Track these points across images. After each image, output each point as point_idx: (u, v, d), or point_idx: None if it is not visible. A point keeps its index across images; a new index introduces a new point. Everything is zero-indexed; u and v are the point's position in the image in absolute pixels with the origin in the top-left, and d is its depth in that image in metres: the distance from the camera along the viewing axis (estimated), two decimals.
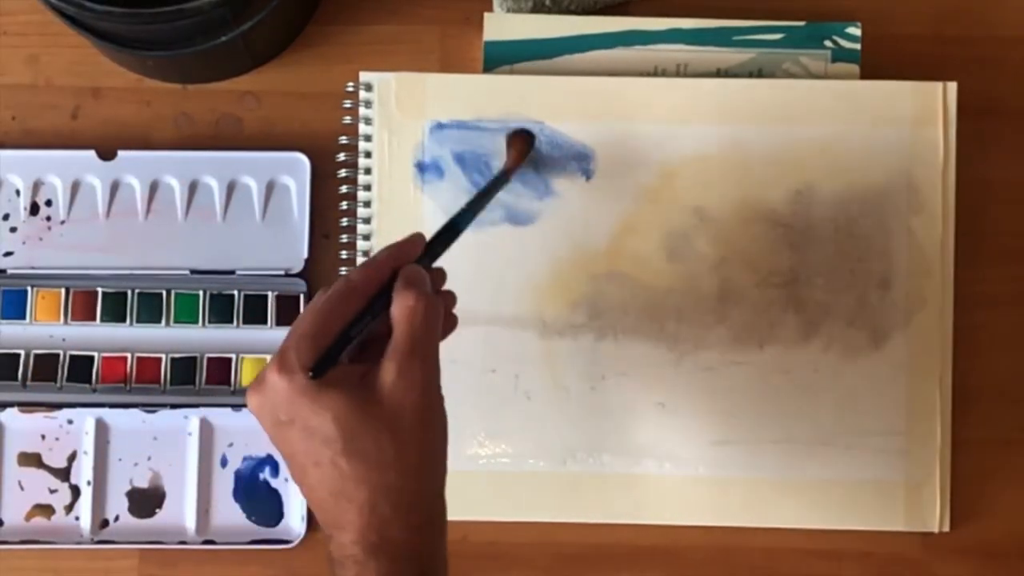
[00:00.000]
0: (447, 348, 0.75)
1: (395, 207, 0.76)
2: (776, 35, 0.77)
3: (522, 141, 0.74)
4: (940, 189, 0.76)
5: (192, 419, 0.76)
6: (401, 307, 0.59)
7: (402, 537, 0.57)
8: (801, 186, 0.76)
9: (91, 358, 0.77)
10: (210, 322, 0.77)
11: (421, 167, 0.76)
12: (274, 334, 0.77)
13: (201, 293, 0.77)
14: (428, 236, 0.64)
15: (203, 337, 0.77)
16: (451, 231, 0.66)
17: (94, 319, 0.77)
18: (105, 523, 0.76)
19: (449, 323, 0.64)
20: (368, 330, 0.59)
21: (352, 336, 0.58)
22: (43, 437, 0.76)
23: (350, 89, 0.77)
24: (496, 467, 0.75)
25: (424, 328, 0.59)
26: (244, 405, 0.75)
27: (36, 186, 0.77)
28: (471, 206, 0.68)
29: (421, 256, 0.63)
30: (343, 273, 0.76)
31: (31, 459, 0.76)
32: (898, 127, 0.76)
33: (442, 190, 0.76)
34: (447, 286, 0.66)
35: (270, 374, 0.58)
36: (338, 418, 0.56)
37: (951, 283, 0.76)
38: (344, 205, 0.77)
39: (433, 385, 0.59)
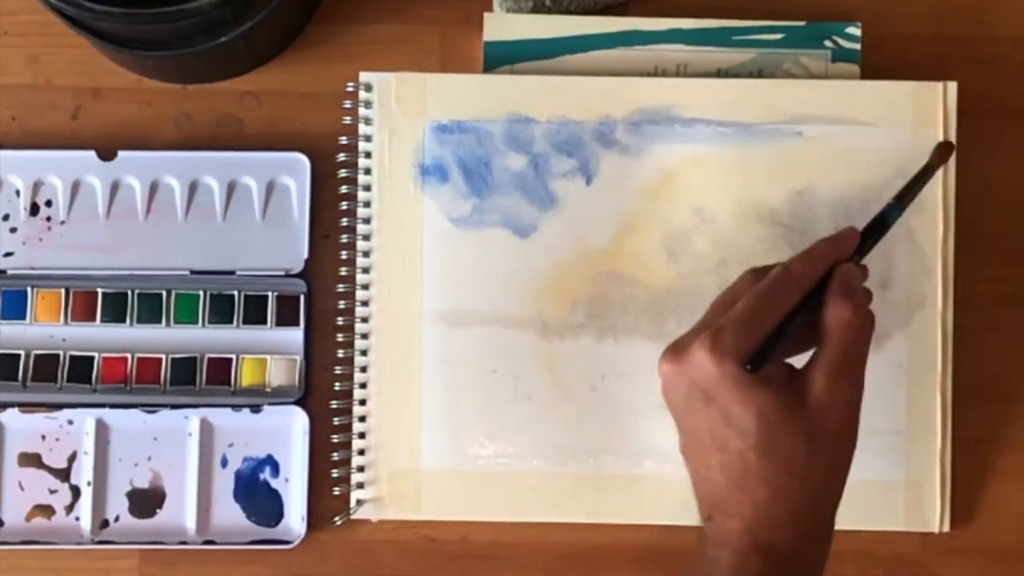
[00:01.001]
0: (449, 349, 0.75)
1: (395, 207, 0.76)
2: (776, 35, 0.78)
3: (947, 147, 0.72)
4: (940, 189, 0.76)
5: (192, 419, 0.76)
6: (838, 317, 0.59)
7: (791, 542, 0.58)
8: (801, 186, 0.76)
9: (91, 358, 0.77)
10: (210, 322, 0.77)
11: (421, 167, 0.76)
12: (274, 334, 0.77)
13: (201, 293, 0.77)
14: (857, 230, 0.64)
15: (203, 337, 0.77)
16: (881, 226, 0.65)
17: (94, 319, 0.77)
18: (105, 523, 0.76)
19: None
20: (799, 327, 0.60)
21: (787, 333, 0.59)
22: (43, 437, 0.76)
23: (350, 89, 0.77)
24: (496, 467, 0.75)
25: (858, 344, 0.60)
26: (244, 405, 0.76)
27: (36, 186, 0.77)
28: (899, 200, 0.67)
29: (856, 249, 0.63)
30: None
31: (31, 459, 0.76)
32: (898, 127, 0.76)
33: (442, 190, 0.76)
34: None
35: (698, 349, 0.58)
36: (761, 415, 0.57)
37: (951, 283, 0.76)
38: (344, 205, 0.77)
39: (857, 404, 0.60)
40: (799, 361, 0.62)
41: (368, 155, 0.76)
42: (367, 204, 0.76)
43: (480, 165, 0.76)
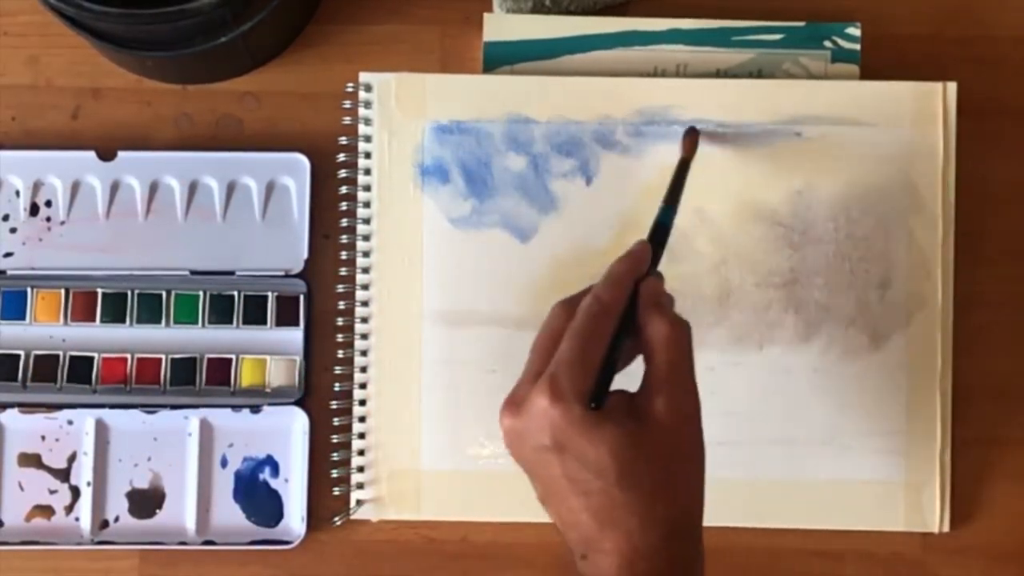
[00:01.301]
0: (449, 349, 0.75)
1: (395, 208, 0.76)
2: (776, 35, 0.78)
3: (692, 136, 0.74)
4: (940, 189, 0.76)
5: (192, 420, 0.76)
6: (657, 334, 0.60)
7: (668, 566, 0.58)
8: (801, 186, 0.76)
9: (91, 359, 0.77)
10: (210, 323, 0.77)
11: (421, 168, 0.76)
12: (274, 334, 0.77)
13: (201, 294, 0.77)
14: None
15: (203, 338, 0.77)
16: (662, 230, 0.66)
17: (94, 320, 0.77)
18: (105, 524, 0.76)
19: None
20: (623, 353, 0.60)
21: (615, 361, 0.59)
22: (43, 438, 0.76)
23: (350, 89, 0.77)
24: (496, 467, 0.75)
25: (682, 354, 0.60)
26: (244, 406, 0.76)
27: (36, 187, 0.77)
28: (668, 200, 0.68)
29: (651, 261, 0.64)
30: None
31: (31, 460, 0.76)
32: (898, 127, 0.76)
33: (442, 191, 0.76)
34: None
35: (538, 399, 0.58)
36: (614, 451, 0.57)
37: (951, 283, 0.76)
38: (344, 206, 0.77)
39: (697, 412, 0.60)
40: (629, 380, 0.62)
41: (368, 155, 0.76)
42: (367, 204, 0.76)
43: (480, 165, 0.76)
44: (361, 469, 0.75)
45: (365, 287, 0.76)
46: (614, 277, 0.62)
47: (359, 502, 0.75)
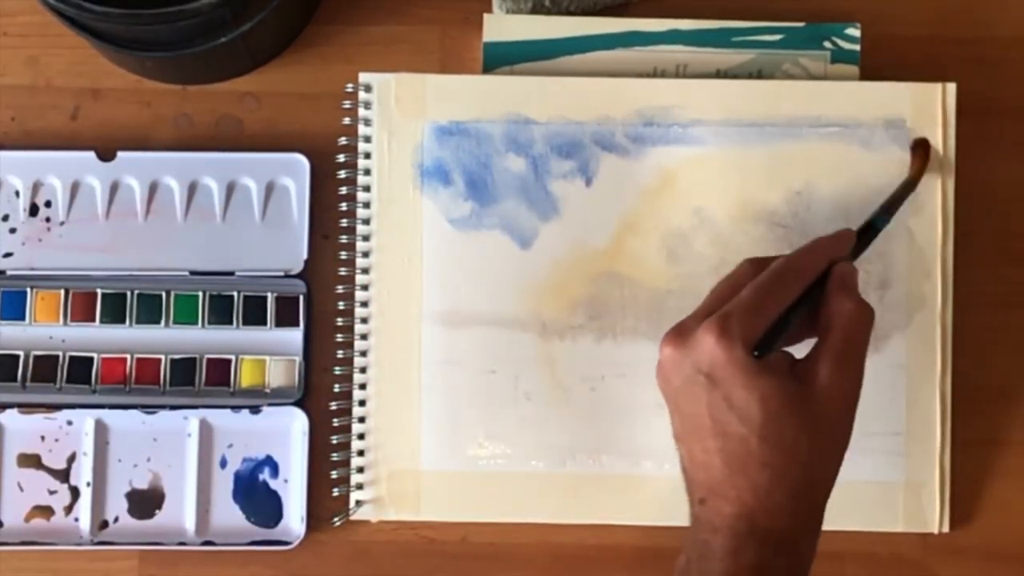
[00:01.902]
0: (449, 349, 0.75)
1: (395, 208, 0.76)
2: (775, 36, 0.78)
3: (925, 148, 0.75)
4: (939, 189, 0.76)
5: (191, 420, 0.76)
6: (840, 309, 0.61)
7: (787, 527, 0.59)
8: (801, 187, 0.76)
9: (90, 359, 0.77)
10: (210, 323, 0.77)
11: (421, 168, 0.76)
12: (274, 335, 0.77)
13: (201, 294, 0.77)
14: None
15: (202, 338, 0.77)
16: (871, 231, 0.69)
17: (93, 320, 0.77)
18: (104, 524, 0.76)
19: None
20: (801, 317, 0.62)
21: (790, 322, 0.61)
22: (42, 438, 0.76)
23: (349, 90, 0.77)
24: (496, 468, 0.75)
25: (861, 336, 0.61)
26: (244, 406, 0.76)
27: (36, 187, 0.77)
28: (886, 209, 0.70)
29: (853, 249, 0.66)
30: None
31: (30, 460, 0.76)
32: (898, 128, 0.76)
33: (442, 191, 0.76)
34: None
35: (704, 333, 0.59)
36: (765, 401, 0.58)
37: (950, 283, 0.76)
38: (344, 206, 0.77)
39: (857, 395, 0.61)
40: (798, 352, 0.63)
41: (367, 156, 0.76)
42: (366, 205, 0.76)
43: (479, 166, 0.76)
44: (361, 470, 0.75)
45: (365, 287, 0.76)
46: (814, 248, 0.64)
47: (359, 502, 0.75)
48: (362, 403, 0.75)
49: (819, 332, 0.62)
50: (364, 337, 0.76)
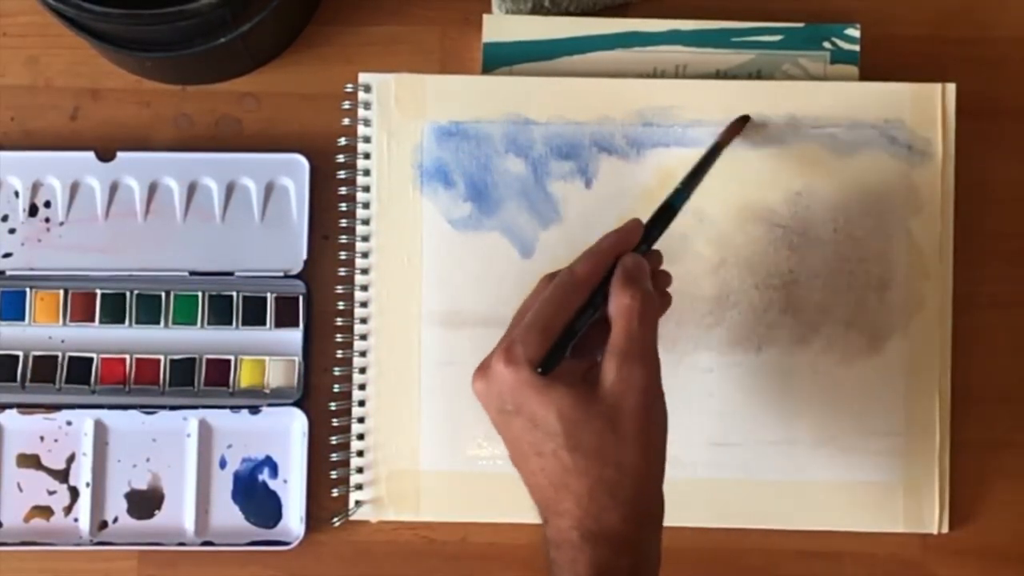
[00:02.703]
0: (449, 350, 0.75)
1: (394, 208, 0.76)
2: (775, 36, 0.77)
3: (738, 122, 0.74)
4: (939, 190, 0.76)
5: (191, 420, 0.76)
6: (620, 304, 0.61)
7: (618, 527, 0.59)
8: (800, 187, 0.76)
9: (90, 359, 0.77)
10: (209, 323, 0.77)
11: (420, 168, 0.76)
12: (273, 335, 0.77)
13: (200, 294, 0.77)
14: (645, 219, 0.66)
15: (202, 338, 0.77)
16: (668, 212, 0.67)
17: (93, 320, 0.77)
18: (104, 524, 0.76)
19: (664, 302, 0.67)
20: (589, 323, 0.62)
21: (576, 331, 0.61)
22: (42, 438, 0.76)
23: (349, 90, 0.77)
24: (495, 468, 0.75)
25: (643, 326, 0.61)
26: (243, 407, 0.76)
27: (35, 187, 0.77)
28: (685, 185, 0.68)
29: (641, 240, 0.65)
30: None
31: (30, 460, 0.76)
32: (897, 128, 0.76)
33: (441, 192, 0.76)
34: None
35: (496, 363, 0.61)
36: (562, 413, 0.59)
37: (950, 284, 0.76)
38: (343, 206, 0.77)
39: (652, 383, 0.61)
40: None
41: (367, 156, 0.76)
42: (366, 205, 0.76)
43: (479, 167, 0.76)
44: (360, 470, 0.75)
45: (364, 288, 0.76)
46: (593, 251, 0.64)
47: (358, 503, 0.75)
48: (361, 403, 0.75)
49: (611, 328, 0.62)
50: (364, 337, 0.76)
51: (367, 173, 0.76)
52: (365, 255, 0.76)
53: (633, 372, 0.60)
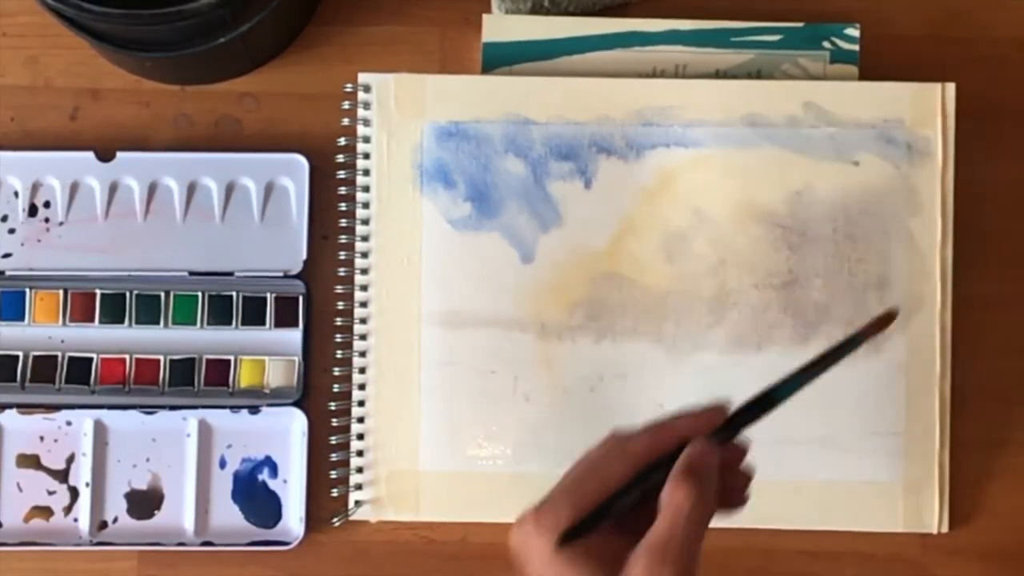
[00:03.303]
0: (448, 350, 0.75)
1: (394, 208, 0.76)
2: (775, 36, 0.77)
3: (886, 319, 0.62)
4: (939, 190, 0.76)
5: (191, 420, 0.76)
6: (672, 499, 0.55)
7: None
8: (800, 187, 0.76)
9: (90, 359, 0.77)
10: (209, 323, 0.77)
11: (420, 168, 0.76)
12: (273, 335, 0.77)
13: (200, 294, 0.77)
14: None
15: (202, 338, 0.77)
16: (766, 403, 0.58)
17: (93, 320, 0.77)
18: (104, 524, 0.76)
19: (736, 499, 0.61)
20: (633, 501, 0.56)
21: (611, 510, 0.56)
22: (42, 439, 0.76)
23: (349, 90, 0.77)
24: (495, 468, 0.75)
25: (686, 529, 0.55)
26: (243, 407, 0.76)
27: (35, 187, 0.77)
28: (796, 378, 0.59)
29: (722, 427, 0.58)
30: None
31: (29, 460, 0.76)
32: (897, 128, 0.76)
33: (441, 192, 0.76)
34: None
35: (528, 522, 0.56)
36: None
37: (950, 284, 0.76)
38: (343, 206, 0.77)
39: None
40: None
41: (367, 156, 0.76)
42: (366, 205, 0.76)
43: (479, 167, 0.76)
44: (360, 470, 0.75)
45: (364, 288, 0.76)
46: (658, 425, 0.58)
47: (358, 503, 0.75)
48: (361, 403, 0.75)
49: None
50: (363, 337, 0.76)
51: (367, 173, 0.76)
52: (365, 255, 0.76)
53: (662, 573, 0.54)
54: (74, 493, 0.76)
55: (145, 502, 0.76)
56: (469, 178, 0.76)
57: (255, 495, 0.76)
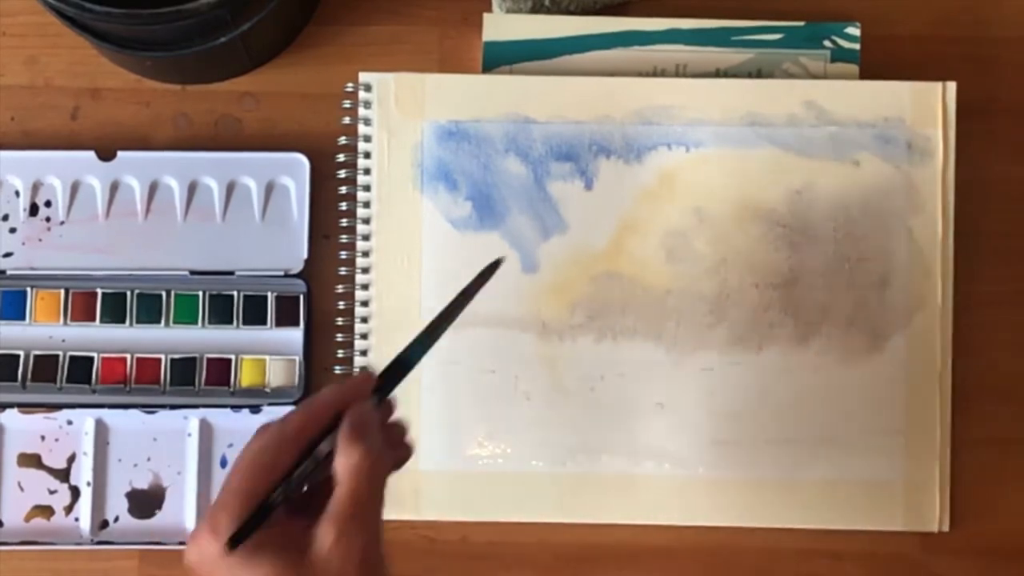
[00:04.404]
0: (449, 349, 0.75)
1: (394, 207, 0.76)
2: (775, 35, 0.77)
3: (490, 267, 0.63)
4: (939, 189, 0.76)
5: (192, 420, 0.76)
6: (344, 463, 0.55)
7: None
8: (800, 186, 0.76)
9: (91, 359, 0.77)
10: (210, 323, 0.77)
11: (421, 168, 0.76)
12: (274, 334, 0.77)
13: (201, 294, 0.77)
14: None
15: (202, 338, 0.77)
16: (401, 367, 0.60)
17: (94, 320, 0.77)
18: (105, 524, 0.76)
19: (402, 454, 0.60)
20: (303, 483, 0.55)
21: (273, 503, 0.54)
22: (43, 438, 0.76)
23: (349, 89, 0.77)
24: (496, 467, 0.75)
25: (369, 489, 0.55)
26: (244, 406, 0.76)
27: (36, 187, 0.78)
28: (423, 339, 0.61)
29: (373, 391, 0.58)
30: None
31: (31, 460, 0.76)
32: (897, 127, 0.76)
33: (441, 191, 0.76)
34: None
35: (203, 534, 0.54)
36: None
37: (950, 283, 0.76)
38: (343, 206, 0.77)
39: (373, 555, 0.55)
40: None
41: (367, 155, 0.76)
42: (366, 204, 0.76)
43: (479, 166, 0.76)
44: None
45: (365, 287, 0.76)
46: (310, 402, 0.57)
47: None
48: None
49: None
50: (364, 337, 0.76)
51: (367, 172, 0.76)
52: (365, 254, 0.76)
53: (353, 540, 0.53)
54: (75, 492, 0.76)
55: (146, 501, 0.76)
56: (469, 177, 0.76)
57: None
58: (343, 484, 0.54)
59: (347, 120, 0.77)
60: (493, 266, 0.62)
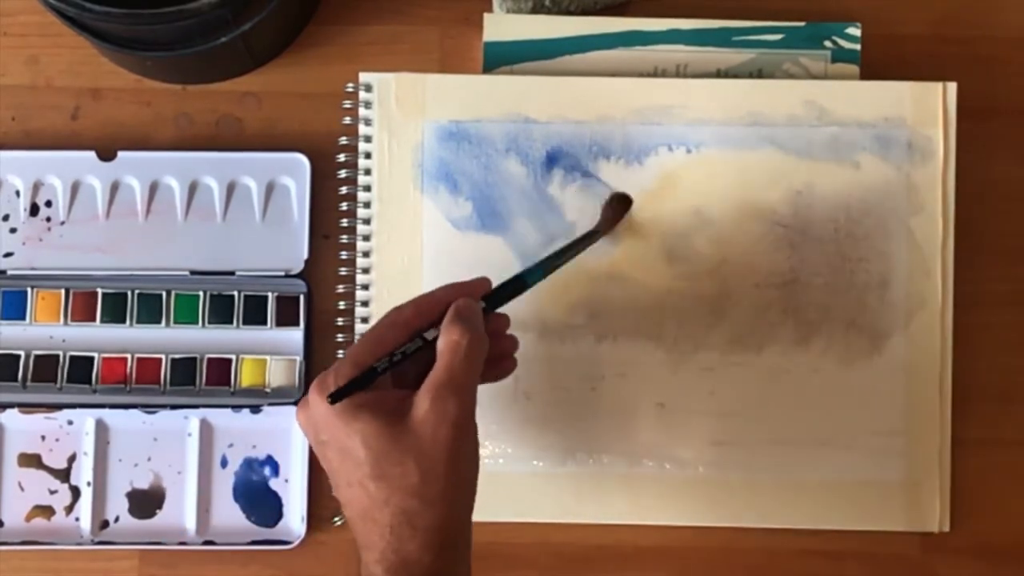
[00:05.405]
0: None
1: (395, 208, 0.76)
2: (776, 35, 0.78)
3: (620, 204, 0.75)
4: (940, 189, 0.76)
5: (192, 420, 0.76)
6: (445, 340, 0.61)
7: (422, 559, 0.59)
8: (801, 186, 0.76)
9: (91, 359, 0.77)
10: (210, 323, 0.77)
11: (421, 168, 0.76)
12: (274, 335, 0.77)
13: (201, 294, 0.77)
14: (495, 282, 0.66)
15: (203, 338, 0.77)
16: (518, 284, 0.66)
17: (94, 320, 0.77)
18: (105, 524, 0.76)
19: (507, 365, 0.67)
20: (406, 360, 0.61)
21: (378, 369, 0.60)
22: (43, 438, 0.76)
23: (350, 89, 0.77)
24: (496, 467, 0.75)
25: (465, 363, 0.60)
26: (244, 406, 0.76)
27: (36, 187, 0.78)
28: (545, 263, 0.69)
29: (483, 298, 0.64)
30: (346, 274, 0.76)
31: (31, 460, 0.76)
32: (898, 127, 0.76)
33: (442, 191, 0.76)
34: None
35: (312, 393, 0.60)
36: (367, 442, 0.59)
37: (951, 283, 0.76)
38: (344, 206, 0.77)
39: (465, 418, 0.60)
40: None
41: (368, 155, 0.76)
42: (367, 204, 0.76)
43: (480, 166, 0.76)
44: None
45: (365, 287, 0.76)
46: (426, 295, 0.64)
47: None
48: None
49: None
50: None
51: (368, 172, 0.76)
52: (366, 254, 0.76)
53: (447, 405, 0.59)
54: (75, 492, 0.76)
55: (146, 501, 0.76)
56: (470, 178, 0.76)
57: (256, 494, 0.76)
58: (441, 358, 0.61)
59: (348, 120, 0.77)
60: (625, 199, 0.74)
